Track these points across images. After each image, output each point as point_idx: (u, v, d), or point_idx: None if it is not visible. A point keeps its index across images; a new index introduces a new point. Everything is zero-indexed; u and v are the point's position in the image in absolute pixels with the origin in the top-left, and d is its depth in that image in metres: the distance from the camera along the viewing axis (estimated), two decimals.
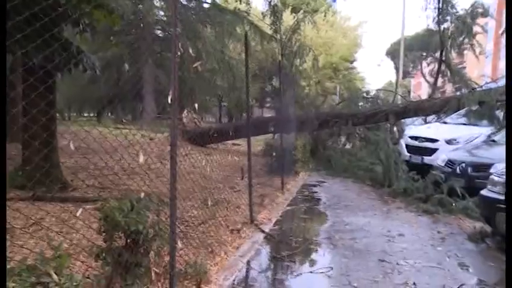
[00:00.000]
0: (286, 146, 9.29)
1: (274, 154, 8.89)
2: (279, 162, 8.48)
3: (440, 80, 13.23)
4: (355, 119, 11.20)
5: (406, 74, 48.23)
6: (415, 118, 12.02)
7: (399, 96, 14.19)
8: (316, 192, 7.80)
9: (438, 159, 7.46)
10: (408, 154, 9.02)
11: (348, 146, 11.77)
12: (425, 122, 11.43)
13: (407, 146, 9.23)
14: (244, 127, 13.50)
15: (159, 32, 26.60)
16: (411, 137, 9.35)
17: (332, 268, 3.79)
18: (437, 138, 8.66)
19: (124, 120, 24.53)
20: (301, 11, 34.94)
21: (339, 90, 32.15)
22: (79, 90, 22.77)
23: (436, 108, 10.56)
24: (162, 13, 26.44)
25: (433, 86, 12.02)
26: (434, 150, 8.47)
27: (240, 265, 3.87)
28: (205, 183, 8.26)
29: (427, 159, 8.51)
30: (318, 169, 10.55)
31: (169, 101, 2.95)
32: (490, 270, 3.89)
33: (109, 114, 29.26)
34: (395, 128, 11.49)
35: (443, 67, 11.65)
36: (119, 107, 26.72)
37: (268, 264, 4.00)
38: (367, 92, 14.12)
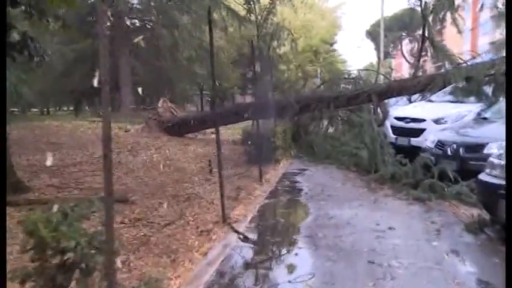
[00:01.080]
0: (264, 133, 8.71)
1: (249, 142, 8.30)
2: (257, 151, 7.91)
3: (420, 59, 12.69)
4: (336, 101, 10.63)
5: (387, 55, 48.00)
6: (399, 98, 11.52)
7: (381, 77, 13.70)
8: (297, 181, 7.23)
9: (427, 140, 6.95)
10: (394, 136, 8.50)
11: (330, 130, 11.21)
12: (410, 102, 10.91)
13: (392, 127, 8.71)
14: (223, 115, 12.95)
15: (135, 21, 25.64)
16: (396, 118, 8.81)
17: (314, 275, 3.23)
18: (424, 118, 8.14)
19: (101, 113, 23.62)
20: None
21: (320, 73, 31.61)
22: (52, 83, 21.79)
23: (420, 86, 10.02)
24: (135, 1, 25.40)
25: (416, 63, 11.48)
26: (421, 131, 7.96)
27: (206, 277, 3.28)
28: (178, 176, 7.68)
29: (414, 141, 8.00)
30: (300, 156, 9.99)
31: (95, 84, 2.31)
32: (496, 268, 3.36)
33: (87, 107, 28.31)
34: (379, 109, 10.98)
35: (426, 43, 11.11)
36: (96, 99, 25.86)
37: (240, 274, 3.41)
38: (348, 74, 13.53)
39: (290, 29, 15.01)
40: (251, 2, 11.43)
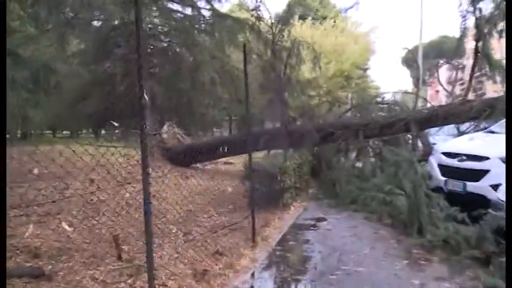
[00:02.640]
0: (271, 169, 6.78)
1: (246, 183, 6.35)
2: (259, 194, 5.97)
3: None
4: (367, 130, 8.67)
5: (423, 83, 45.61)
6: (438, 128, 9.46)
7: (420, 103, 11.61)
8: (307, 241, 5.14)
9: (498, 189, 4.79)
10: (443, 178, 6.28)
11: (358, 165, 9.08)
12: (459, 132, 8.72)
13: (440, 166, 6.51)
14: (234, 142, 11.13)
15: (160, 42, 24.38)
16: (445, 154, 6.55)
17: None
18: (486, 155, 5.89)
19: (115, 137, 22.37)
20: (309, 18, 32.80)
21: (351, 98, 29.56)
22: (68, 105, 20.72)
23: (474, 112, 7.94)
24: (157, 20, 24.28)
25: (468, 84, 9.29)
26: (483, 173, 5.70)
27: None
28: (155, 224, 5.77)
29: (472, 186, 5.76)
30: (318, 197, 7.94)
31: None
32: None
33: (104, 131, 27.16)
34: (419, 141, 8.87)
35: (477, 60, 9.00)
36: (117, 122, 24.68)
37: None
38: (382, 97, 11.47)
39: (320, 52, 13.22)
40: (260, 8, 9.73)
